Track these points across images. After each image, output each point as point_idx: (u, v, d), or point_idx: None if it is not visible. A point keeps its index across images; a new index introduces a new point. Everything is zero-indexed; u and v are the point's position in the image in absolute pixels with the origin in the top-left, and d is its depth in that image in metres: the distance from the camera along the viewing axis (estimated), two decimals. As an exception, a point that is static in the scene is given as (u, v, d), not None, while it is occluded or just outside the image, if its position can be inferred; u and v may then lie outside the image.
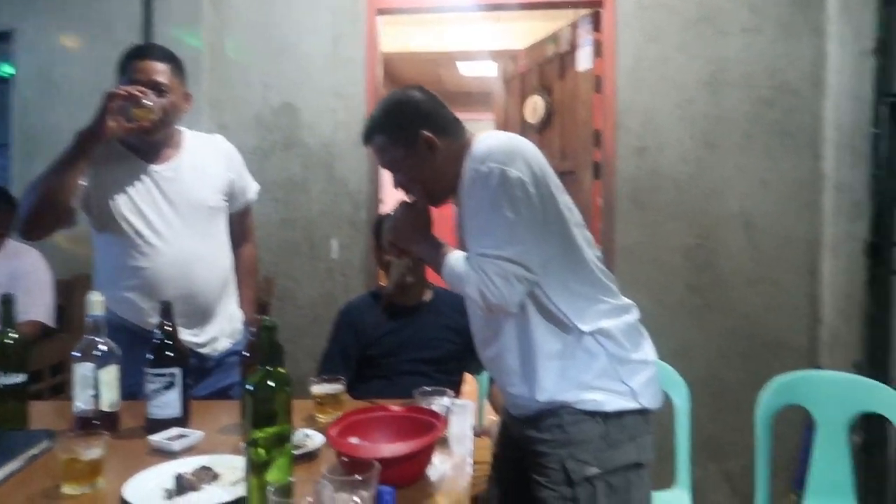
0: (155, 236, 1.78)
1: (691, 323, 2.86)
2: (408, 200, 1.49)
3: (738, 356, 2.84)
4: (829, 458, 2.02)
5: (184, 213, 1.83)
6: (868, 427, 2.61)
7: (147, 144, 1.81)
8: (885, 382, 2.10)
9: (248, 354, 1.56)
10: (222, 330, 1.91)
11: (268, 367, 1.14)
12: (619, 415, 1.33)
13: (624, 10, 2.92)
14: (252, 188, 2.10)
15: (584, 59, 3.23)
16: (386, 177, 3.53)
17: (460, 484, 1.28)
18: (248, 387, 1.13)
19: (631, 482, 1.34)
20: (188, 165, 1.87)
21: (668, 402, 2.19)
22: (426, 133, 1.40)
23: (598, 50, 3.09)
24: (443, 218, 1.56)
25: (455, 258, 1.36)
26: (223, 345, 1.91)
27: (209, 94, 3.03)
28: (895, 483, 2.04)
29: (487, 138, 1.38)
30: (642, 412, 1.36)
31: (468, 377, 2.34)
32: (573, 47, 3.34)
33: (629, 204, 2.91)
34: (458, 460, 1.39)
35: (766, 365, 2.80)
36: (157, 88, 1.76)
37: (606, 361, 1.34)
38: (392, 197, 1.94)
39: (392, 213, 1.51)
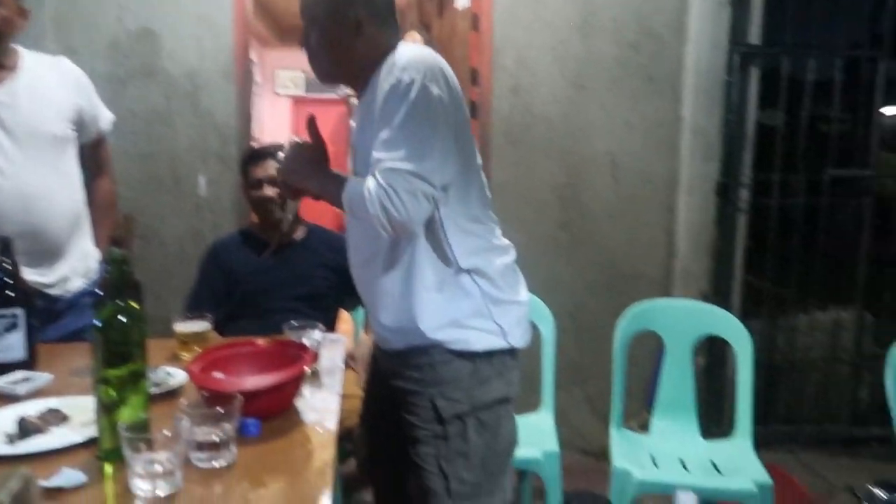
0: None
1: (560, 257, 2.99)
2: (297, 140, 1.40)
3: (601, 288, 3.02)
4: (675, 378, 2.22)
5: (23, 143, 1.67)
6: (711, 350, 2.87)
7: None
8: (727, 310, 2.32)
9: (101, 293, 1.47)
10: (74, 269, 1.79)
11: (118, 302, 1.08)
12: (489, 353, 1.35)
13: (501, -53, 2.90)
14: (105, 117, 1.95)
15: (461, -4, 3.20)
16: (258, 111, 3.37)
17: (329, 416, 1.29)
18: (96, 322, 1.07)
19: (500, 416, 1.38)
20: (26, 89, 1.70)
21: (535, 332, 2.31)
22: (360, 14, 1.32)
23: (475, -13, 3.07)
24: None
25: (356, 181, 1.28)
26: (76, 285, 1.79)
27: (54, 12, 2.74)
28: (731, 399, 2.29)
29: (413, 49, 1.31)
30: (511, 350, 1.39)
31: (345, 316, 2.34)
32: (451, -17, 3.30)
33: (504, 142, 2.97)
34: (327, 393, 1.40)
35: (626, 295, 2.98)
36: None
37: (480, 300, 1.34)
38: (266, 133, 1.86)
39: (283, 152, 1.41)
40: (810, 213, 3.02)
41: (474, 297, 1.34)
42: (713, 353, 2.88)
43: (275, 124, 7.93)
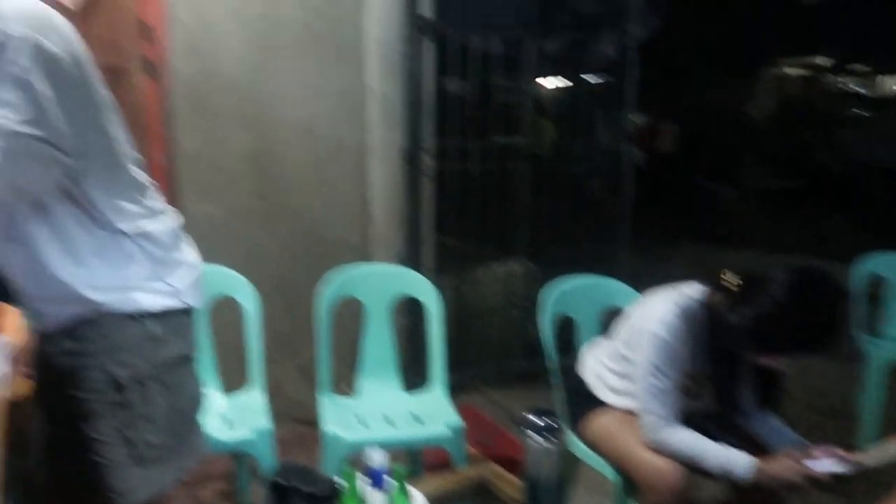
0: None
1: (259, 227, 2.90)
2: None
3: (304, 256, 3.01)
4: (376, 339, 2.33)
5: None
6: (411, 310, 3.06)
7: None
8: (419, 271, 2.49)
9: None
10: None
11: None
12: (164, 313, 1.31)
13: None
14: None
15: (126, -60, 2.85)
16: None
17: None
18: None
19: (182, 375, 1.36)
20: None
21: (237, 307, 2.23)
22: None
23: (143, -69, 2.76)
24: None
25: None
26: None
27: None
28: (426, 355, 2.50)
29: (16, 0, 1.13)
30: (186, 310, 1.37)
31: (5, 308, 1.98)
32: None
33: (189, 108, 2.75)
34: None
35: (329, 262, 3.02)
36: None
37: (147, 263, 1.29)
38: None
39: None
40: (485, 177, 3.37)
41: (140, 260, 1.29)
42: (412, 313, 3.08)
43: None
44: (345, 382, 2.71)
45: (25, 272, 1.25)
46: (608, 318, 2.17)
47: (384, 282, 2.36)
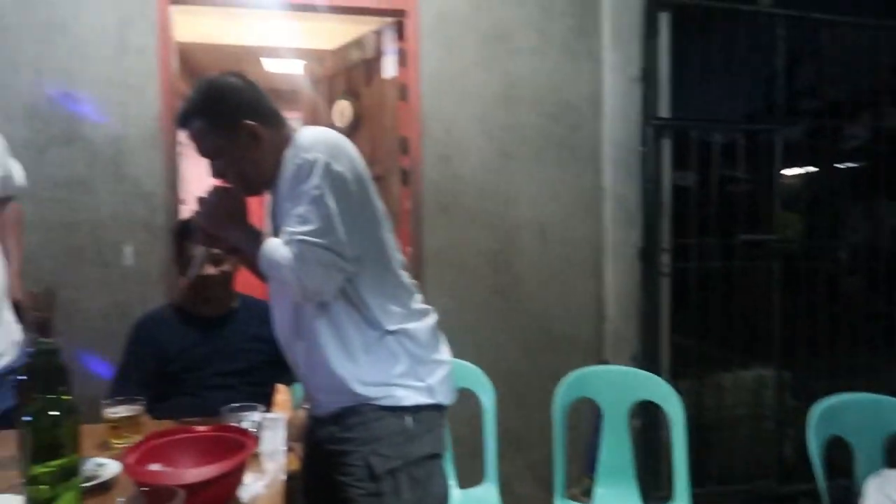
0: None
1: (494, 323, 3.02)
2: (221, 184, 1.43)
3: (536, 353, 3.06)
4: (613, 445, 2.24)
5: None
6: (645, 413, 2.93)
7: None
8: (656, 373, 2.38)
9: (24, 377, 1.37)
10: None
11: (47, 395, 1.01)
12: (417, 409, 1.39)
13: (426, 21, 3.00)
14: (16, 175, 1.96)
15: (389, 67, 3.28)
16: (186, 178, 3.30)
17: (274, 502, 1.24)
18: (25, 418, 1.00)
19: (431, 471, 1.41)
20: None
21: (475, 400, 2.30)
22: (249, 123, 1.38)
23: (402, 58, 3.15)
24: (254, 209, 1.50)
25: (273, 245, 1.34)
26: None
27: (-34, 78, 2.62)
28: (667, 461, 2.33)
29: (313, 130, 1.39)
30: (438, 407, 1.43)
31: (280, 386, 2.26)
32: (378, 54, 3.38)
33: (435, 209, 3.01)
34: (270, 478, 1.35)
35: (560, 359, 3.04)
36: None
37: (407, 360, 1.40)
38: (191, 195, 1.85)
39: (204, 197, 1.44)
40: (726, 275, 3.18)
41: (401, 358, 1.40)
42: (647, 416, 2.94)
43: (199, 185, 7.75)
44: (575, 485, 2.63)
45: (307, 364, 1.44)
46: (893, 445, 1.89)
47: (622, 384, 2.29)
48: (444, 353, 1.50)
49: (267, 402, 2.02)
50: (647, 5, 3.03)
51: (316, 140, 1.35)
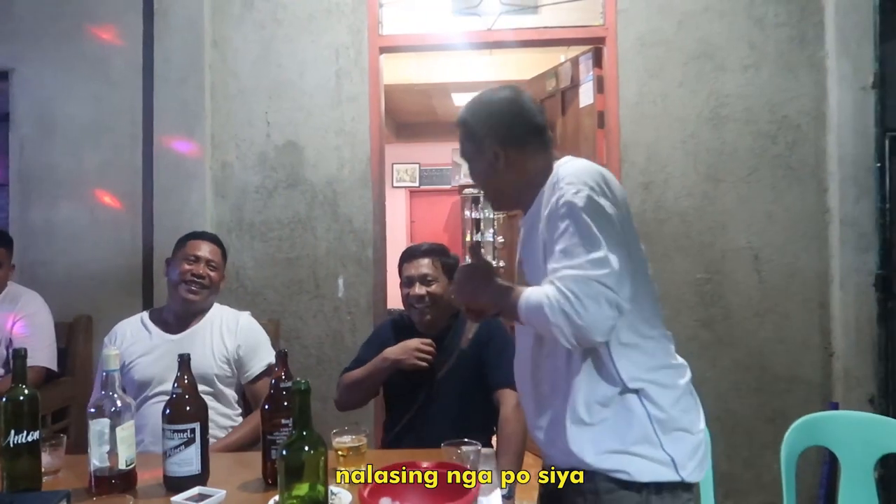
0: None
1: (703, 358, 2.83)
2: (468, 262, 1.43)
3: (750, 390, 2.82)
4: (855, 498, 1.98)
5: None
6: (886, 462, 2.58)
7: None
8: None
9: (266, 407, 1.51)
10: None
11: (303, 432, 1.10)
12: (658, 486, 1.25)
13: (625, 46, 2.94)
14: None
15: (586, 95, 3.25)
16: (391, 215, 3.49)
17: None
18: (282, 452, 1.09)
19: None
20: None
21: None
22: (495, 147, 1.38)
23: (599, 86, 3.11)
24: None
25: (531, 291, 1.24)
26: None
27: (211, 132, 3.00)
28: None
29: (577, 162, 1.33)
30: (683, 485, 1.27)
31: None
32: (575, 83, 3.36)
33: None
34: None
35: (779, 399, 2.78)
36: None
37: (648, 425, 1.26)
38: (395, 236, 1.94)
39: (455, 277, 1.44)
40: None
41: (641, 421, 1.25)
42: (889, 466, 2.58)
43: (394, 216, 8.24)
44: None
45: (536, 413, 1.38)
46: None
47: (866, 433, 2.02)
48: (697, 420, 1.33)
49: (489, 431, 2.06)
50: (881, 2, 2.71)
51: (577, 172, 1.27)
